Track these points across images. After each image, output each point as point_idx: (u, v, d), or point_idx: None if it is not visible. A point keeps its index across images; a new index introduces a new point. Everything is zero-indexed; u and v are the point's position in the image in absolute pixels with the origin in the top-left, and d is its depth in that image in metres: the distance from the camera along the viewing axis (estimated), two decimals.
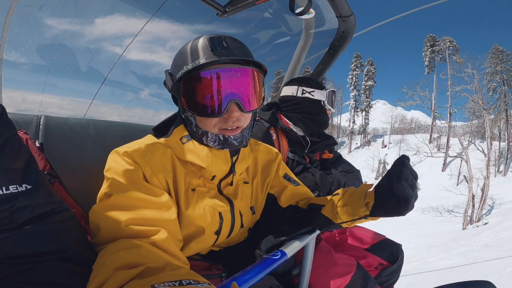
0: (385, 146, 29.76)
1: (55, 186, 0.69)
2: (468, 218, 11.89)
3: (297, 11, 1.01)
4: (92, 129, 0.99)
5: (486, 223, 9.63)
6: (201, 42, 0.65)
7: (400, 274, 1.17)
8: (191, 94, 0.64)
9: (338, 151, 1.59)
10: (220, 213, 0.74)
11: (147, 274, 0.41)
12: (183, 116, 0.72)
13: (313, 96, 1.25)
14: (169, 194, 0.66)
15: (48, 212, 0.47)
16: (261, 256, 0.77)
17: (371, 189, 0.72)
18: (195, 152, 0.70)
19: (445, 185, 18.01)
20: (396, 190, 0.62)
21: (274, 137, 1.23)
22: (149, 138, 0.72)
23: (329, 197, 0.83)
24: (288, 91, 1.29)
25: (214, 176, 0.74)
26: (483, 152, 14.97)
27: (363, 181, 1.35)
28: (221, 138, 0.68)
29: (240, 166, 0.78)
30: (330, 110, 1.30)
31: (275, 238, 0.80)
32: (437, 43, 27.36)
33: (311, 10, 1.09)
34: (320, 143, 1.29)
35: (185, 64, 0.64)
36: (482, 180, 13.12)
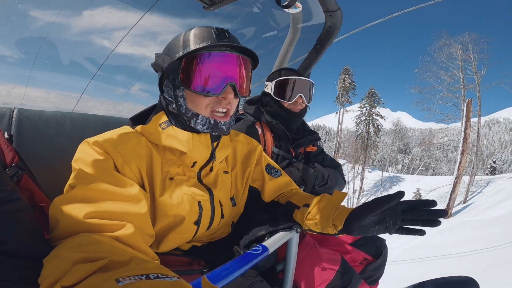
0: None
1: (23, 178, 0.65)
2: None
3: (283, 4, 1.00)
4: (69, 122, 0.95)
5: None
6: (205, 29, 0.67)
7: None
8: (193, 72, 0.65)
9: None
10: (199, 202, 0.72)
11: (111, 268, 0.38)
12: (169, 98, 0.70)
13: (266, 89, 1.23)
14: (143, 184, 0.64)
15: None
16: (239, 253, 0.76)
17: (340, 208, 0.75)
18: (175, 137, 0.69)
19: None
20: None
21: (259, 132, 1.22)
22: (123, 128, 0.70)
23: (303, 200, 0.84)
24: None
25: (194, 163, 0.73)
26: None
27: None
28: (212, 122, 0.69)
29: (220, 153, 0.78)
30: (285, 102, 1.20)
31: (254, 233, 0.78)
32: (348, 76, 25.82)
33: (298, 4, 1.08)
34: (305, 138, 1.30)
35: (188, 45, 0.66)
36: None
